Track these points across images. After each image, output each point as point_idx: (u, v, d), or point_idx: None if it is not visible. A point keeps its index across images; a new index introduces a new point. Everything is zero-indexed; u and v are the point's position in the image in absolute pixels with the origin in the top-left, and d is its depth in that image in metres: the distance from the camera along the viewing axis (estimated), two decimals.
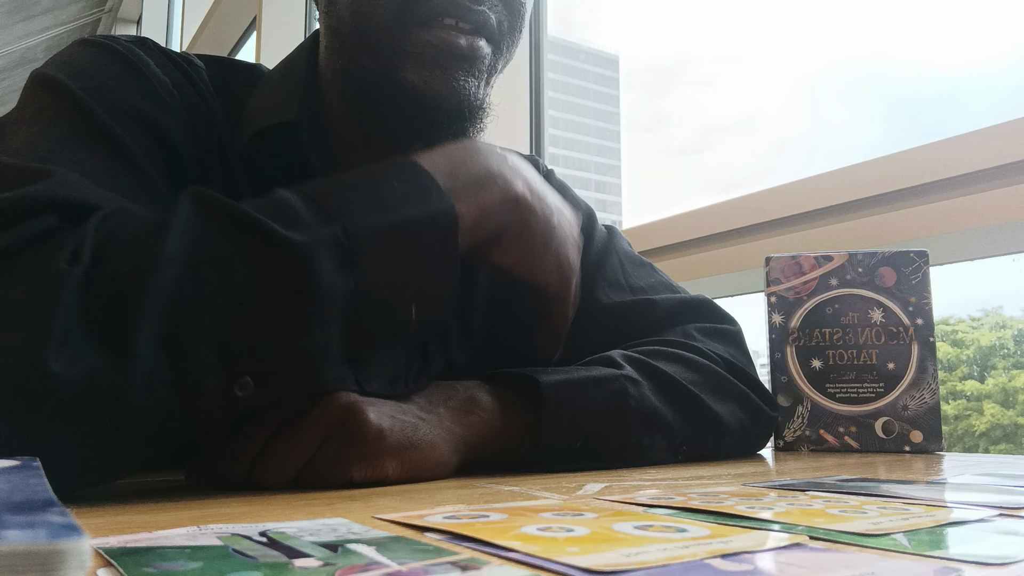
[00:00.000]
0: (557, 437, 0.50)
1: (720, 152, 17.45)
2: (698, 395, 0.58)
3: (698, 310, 0.69)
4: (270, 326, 0.38)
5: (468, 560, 0.22)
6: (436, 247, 0.44)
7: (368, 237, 0.41)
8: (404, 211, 0.43)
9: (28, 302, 0.35)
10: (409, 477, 0.44)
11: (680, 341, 0.62)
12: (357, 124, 0.61)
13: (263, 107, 0.58)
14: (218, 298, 0.37)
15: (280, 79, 0.61)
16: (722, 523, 0.28)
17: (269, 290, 0.38)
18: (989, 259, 0.95)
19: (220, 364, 0.37)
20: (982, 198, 0.88)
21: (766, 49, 4.34)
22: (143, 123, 0.50)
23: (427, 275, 0.44)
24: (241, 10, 3.08)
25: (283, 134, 0.57)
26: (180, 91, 0.54)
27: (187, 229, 0.38)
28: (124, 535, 0.26)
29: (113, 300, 0.35)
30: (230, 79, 0.60)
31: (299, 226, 0.39)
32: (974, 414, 1.22)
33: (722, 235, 1.18)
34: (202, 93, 0.56)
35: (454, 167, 0.47)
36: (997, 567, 0.22)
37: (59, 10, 4.92)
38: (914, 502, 0.34)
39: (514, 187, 0.50)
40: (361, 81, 0.57)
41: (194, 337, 0.36)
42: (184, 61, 0.57)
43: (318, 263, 0.39)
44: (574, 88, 26.31)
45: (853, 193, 1.00)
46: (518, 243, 0.50)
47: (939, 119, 1.40)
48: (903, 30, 1.25)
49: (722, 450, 0.60)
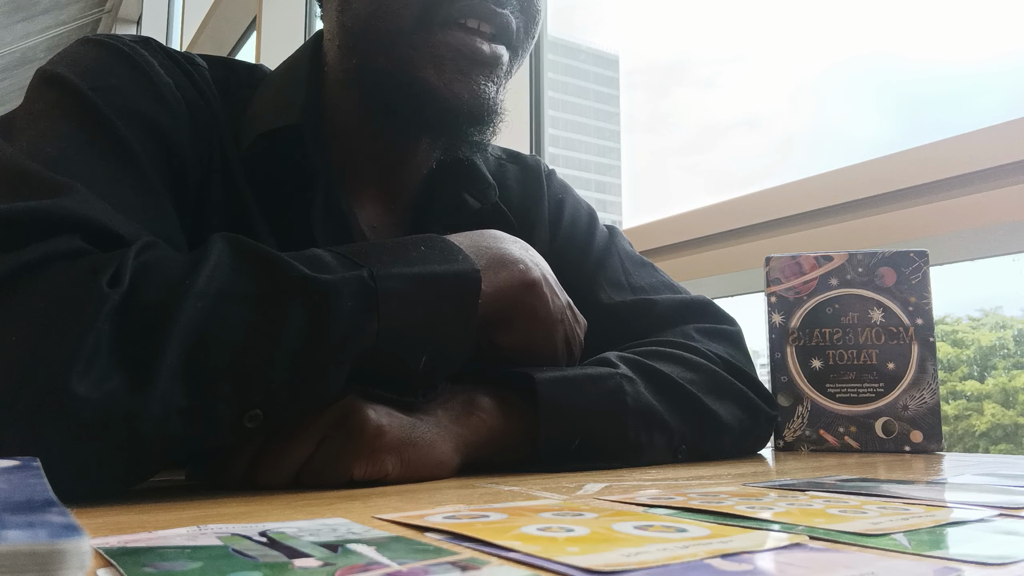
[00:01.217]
0: (554, 434, 0.50)
1: (721, 152, 17.13)
2: (695, 394, 0.57)
3: (698, 311, 0.69)
4: (289, 362, 0.39)
5: (468, 560, 0.22)
6: (457, 304, 0.46)
7: (393, 280, 0.43)
8: (430, 266, 0.45)
9: (59, 317, 0.36)
10: (409, 475, 0.44)
11: (678, 341, 0.63)
12: (368, 125, 0.61)
13: (265, 109, 0.58)
14: (240, 332, 0.38)
15: (282, 81, 0.61)
16: (722, 523, 0.28)
17: (292, 327, 0.39)
18: (989, 259, 0.95)
19: (234, 396, 0.38)
20: (982, 198, 0.88)
21: (767, 49, 4.28)
22: (148, 126, 0.50)
23: (445, 330, 0.45)
24: (241, 10, 3.08)
25: (286, 137, 0.57)
26: (183, 93, 0.54)
27: (219, 266, 0.39)
28: (124, 535, 0.26)
29: (142, 328, 0.36)
30: (232, 80, 0.60)
31: (327, 271, 0.41)
32: (974, 414, 1.22)
33: (722, 235, 1.18)
34: (204, 94, 0.56)
35: (478, 248, 0.50)
36: (997, 567, 0.22)
37: (59, 10, 4.92)
38: (914, 502, 0.34)
39: (531, 274, 0.52)
40: (377, 81, 0.57)
41: (212, 369, 0.37)
42: (187, 62, 0.57)
43: (342, 301, 0.40)
44: (574, 88, 26.42)
45: (853, 193, 1.00)
46: (522, 328, 0.52)
47: (945, 115, 1.40)
48: (909, 27, 1.25)
49: (721, 449, 0.60)
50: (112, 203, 0.44)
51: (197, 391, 0.37)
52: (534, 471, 0.49)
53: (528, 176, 0.74)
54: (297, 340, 0.39)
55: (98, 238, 0.41)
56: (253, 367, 0.38)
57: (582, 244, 0.72)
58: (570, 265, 0.68)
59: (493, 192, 0.66)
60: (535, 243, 0.62)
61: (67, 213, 0.40)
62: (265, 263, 0.40)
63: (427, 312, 0.44)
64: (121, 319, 0.36)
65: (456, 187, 0.65)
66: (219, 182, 0.55)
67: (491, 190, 0.66)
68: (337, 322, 0.40)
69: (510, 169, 0.74)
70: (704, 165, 20.19)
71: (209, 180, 0.55)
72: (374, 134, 0.61)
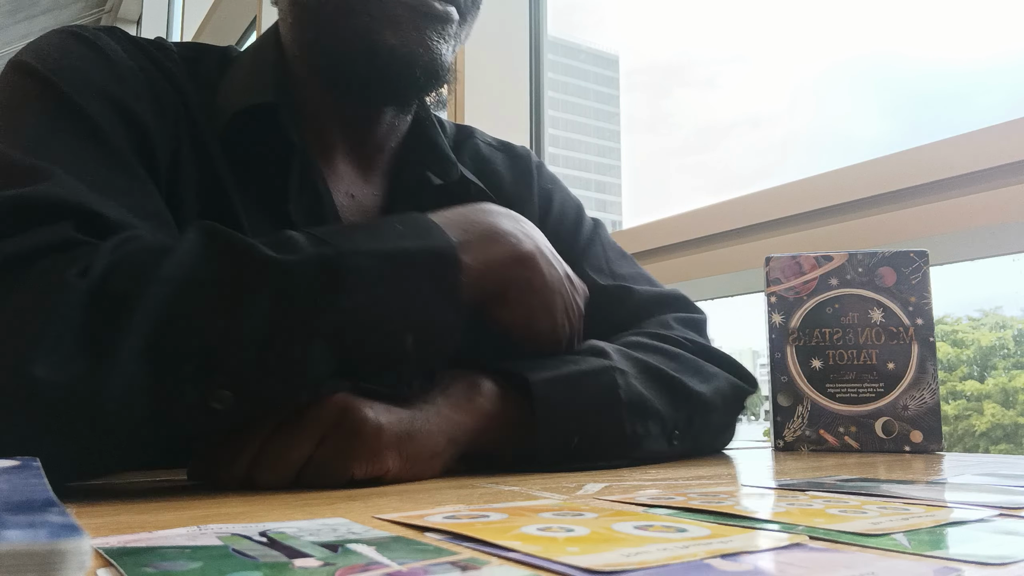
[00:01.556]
0: (552, 436, 0.50)
1: (722, 152, 17.01)
2: (679, 378, 0.59)
3: (674, 303, 0.72)
4: (253, 343, 0.39)
5: (468, 560, 0.22)
6: (434, 281, 0.45)
7: (359, 258, 0.43)
8: (401, 243, 0.45)
9: (28, 308, 0.36)
10: (408, 470, 0.44)
11: (657, 332, 0.64)
12: (331, 98, 0.63)
13: (238, 89, 0.60)
14: (203, 315, 0.38)
15: (251, 61, 0.63)
16: (722, 523, 0.28)
17: (255, 307, 0.39)
18: (989, 259, 0.95)
19: (199, 376, 0.38)
20: (982, 198, 0.87)
21: (768, 49, 4.28)
22: (112, 105, 0.51)
23: (424, 308, 0.45)
24: (241, 10, 3.08)
25: (262, 114, 0.58)
26: (146, 75, 0.56)
27: (186, 253, 0.40)
28: (124, 535, 0.26)
29: (107, 315, 0.37)
30: (203, 62, 0.62)
31: (295, 252, 0.41)
32: (974, 414, 1.22)
33: (722, 235, 1.18)
34: (173, 76, 0.58)
35: (467, 223, 0.50)
36: (997, 567, 0.22)
37: (59, 10, 4.92)
38: (914, 502, 0.34)
39: (523, 246, 0.52)
40: (336, 53, 0.59)
41: (177, 350, 0.37)
42: (154, 47, 0.59)
43: (305, 280, 0.40)
44: (574, 88, 26.34)
45: (853, 193, 1.00)
46: (520, 302, 0.52)
47: (945, 114, 1.40)
48: (910, 26, 1.25)
49: (709, 429, 0.62)
50: (91, 184, 0.44)
51: (160, 371, 0.37)
52: (534, 471, 0.49)
53: (518, 165, 0.77)
54: (261, 320, 0.39)
55: (84, 222, 0.41)
56: (217, 348, 0.38)
57: (569, 232, 0.74)
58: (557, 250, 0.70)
59: (454, 169, 0.68)
60: None
61: (51, 200, 0.41)
62: (232, 248, 0.40)
63: (400, 290, 0.44)
64: (89, 307, 0.37)
65: (418, 164, 0.67)
66: (192, 161, 0.56)
67: (452, 167, 0.68)
68: (300, 301, 0.40)
69: (500, 157, 0.76)
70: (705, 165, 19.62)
71: (180, 159, 0.56)
72: (337, 107, 0.63)
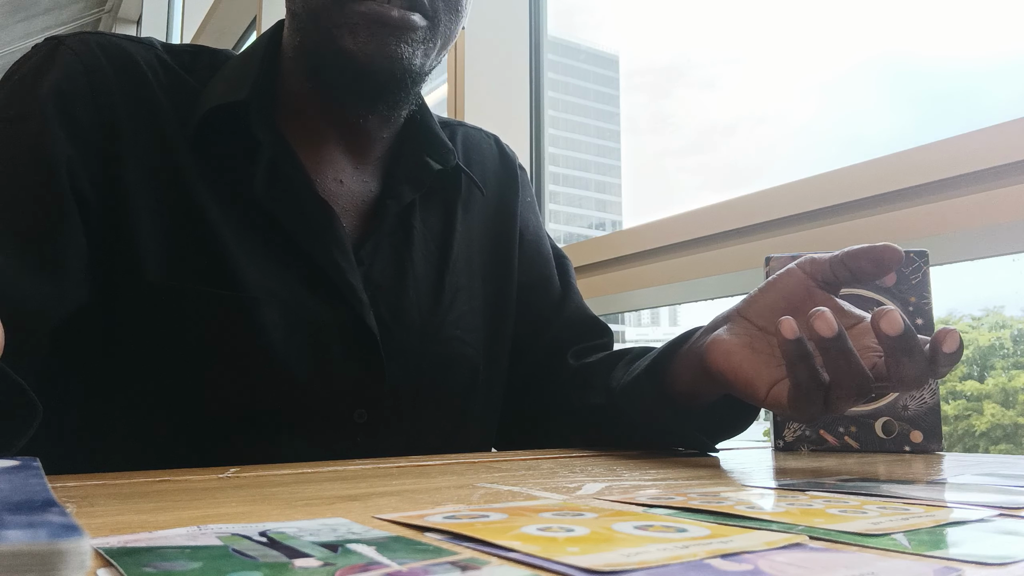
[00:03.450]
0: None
1: (722, 152, 17.13)
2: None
3: (593, 330, 0.80)
4: None
5: (468, 560, 0.22)
6: None
7: None
8: None
9: None
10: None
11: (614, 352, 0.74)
12: (316, 99, 0.67)
13: (219, 87, 0.63)
14: None
15: (241, 61, 0.66)
16: (722, 523, 0.28)
17: None
18: (989, 259, 0.95)
19: None
20: (982, 198, 0.87)
21: (768, 49, 4.33)
22: (48, 162, 0.55)
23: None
24: (241, 10, 3.08)
25: (234, 111, 0.61)
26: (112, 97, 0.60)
27: None
28: (124, 535, 0.26)
29: None
30: (199, 62, 0.66)
31: None
32: (974, 414, 1.22)
33: (722, 235, 1.18)
34: (147, 79, 0.62)
35: None
36: (997, 567, 0.22)
37: (59, 10, 4.92)
38: (914, 502, 0.34)
39: None
40: (313, 54, 0.63)
41: None
42: (143, 47, 0.63)
43: None
44: (574, 88, 26.23)
45: (853, 193, 1.00)
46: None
47: (945, 114, 1.39)
48: (911, 26, 1.24)
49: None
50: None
51: None
52: (533, 471, 0.49)
53: (505, 161, 0.83)
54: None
55: None
56: None
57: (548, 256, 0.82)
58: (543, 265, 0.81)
59: (452, 156, 0.72)
60: (503, 224, 0.75)
61: None
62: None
63: None
64: None
65: (417, 150, 0.71)
66: (157, 156, 0.60)
67: (450, 154, 0.72)
68: None
69: (489, 147, 0.82)
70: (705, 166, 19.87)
71: (144, 155, 0.59)
72: (323, 107, 0.67)
